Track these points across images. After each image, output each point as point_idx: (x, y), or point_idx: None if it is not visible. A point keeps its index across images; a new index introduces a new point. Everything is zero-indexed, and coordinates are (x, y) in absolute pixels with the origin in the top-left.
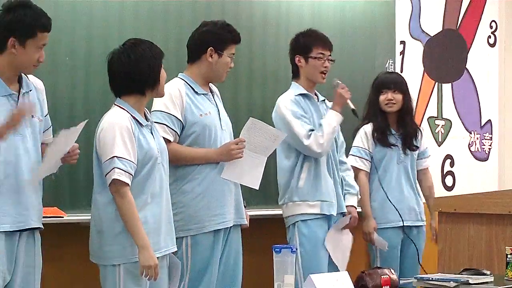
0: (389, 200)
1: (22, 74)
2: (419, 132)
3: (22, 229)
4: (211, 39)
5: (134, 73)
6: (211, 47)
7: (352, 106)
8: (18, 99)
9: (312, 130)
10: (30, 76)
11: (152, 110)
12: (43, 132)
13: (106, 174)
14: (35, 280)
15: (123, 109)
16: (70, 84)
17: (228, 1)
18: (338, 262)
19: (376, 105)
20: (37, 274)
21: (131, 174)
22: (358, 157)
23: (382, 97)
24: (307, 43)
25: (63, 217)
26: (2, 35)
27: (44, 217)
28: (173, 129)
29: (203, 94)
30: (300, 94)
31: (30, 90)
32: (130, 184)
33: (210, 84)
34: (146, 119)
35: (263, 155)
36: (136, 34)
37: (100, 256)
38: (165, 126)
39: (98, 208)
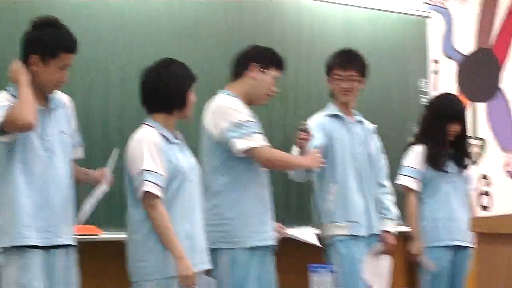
0: (440, 219)
1: None
2: (470, 154)
3: (52, 245)
4: (255, 56)
5: (162, 91)
6: (254, 63)
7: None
8: (46, 115)
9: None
10: (58, 93)
11: (237, 120)
12: (74, 148)
13: (137, 189)
14: None
15: (151, 126)
16: (104, 102)
17: (260, 22)
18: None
19: (441, 132)
20: None
21: (161, 187)
22: (410, 177)
23: (449, 127)
24: (328, 64)
25: (99, 235)
26: (26, 51)
27: (80, 235)
28: (263, 133)
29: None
30: (330, 115)
31: (57, 107)
32: (161, 197)
33: None
34: (176, 138)
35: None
36: (171, 52)
37: (133, 273)
38: (262, 134)
39: (131, 225)
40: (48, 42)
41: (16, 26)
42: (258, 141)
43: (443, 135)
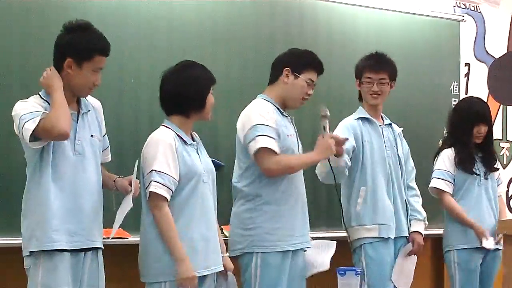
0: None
1: None
2: (497, 156)
3: (80, 248)
4: (289, 60)
5: (179, 94)
6: (287, 67)
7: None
8: (77, 119)
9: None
10: (88, 96)
11: (252, 125)
12: (103, 151)
13: (146, 188)
14: None
15: (169, 128)
16: (134, 105)
17: (294, 24)
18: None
19: (467, 134)
20: None
21: (170, 189)
22: (442, 179)
23: (475, 130)
24: (360, 67)
25: (127, 238)
26: (60, 55)
27: (108, 238)
28: (278, 142)
29: (285, 116)
30: (360, 118)
31: (89, 110)
32: (168, 198)
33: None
34: (193, 139)
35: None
36: (200, 55)
37: (147, 274)
38: (273, 139)
39: (144, 228)
40: (82, 45)
41: (43, 29)
42: (261, 143)
43: (469, 138)
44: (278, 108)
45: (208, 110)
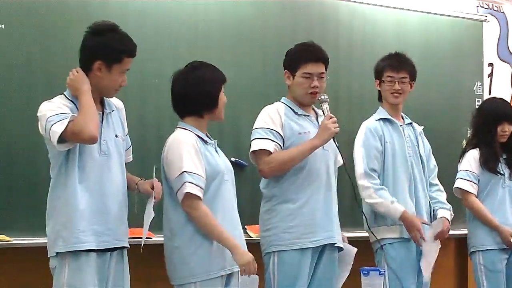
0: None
1: None
2: None
3: (107, 248)
4: (286, 62)
5: (190, 95)
6: (285, 70)
7: (337, 147)
8: (102, 119)
9: (374, 170)
10: None
11: (252, 130)
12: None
13: (177, 191)
14: None
15: (187, 129)
16: (157, 104)
17: (315, 25)
18: (424, 269)
19: (491, 134)
20: None
21: (202, 188)
22: (467, 180)
23: (499, 128)
24: (380, 67)
25: (151, 238)
26: (89, 57)
27: (133, 238)
28: (275, 141)
29: (303, 115)
30: (381, 119)
31: (113, 110)
32: (202, 197)
33: (317, 109)
34: (209, 139)
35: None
36: (221, 57)
37: (175, 277)
38: (268, 140)
39: (172, 228)
40: (113, 47)
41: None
42: (253, 147)
43: (493, 137)
44: (292, 109)
45: (220, 109)
